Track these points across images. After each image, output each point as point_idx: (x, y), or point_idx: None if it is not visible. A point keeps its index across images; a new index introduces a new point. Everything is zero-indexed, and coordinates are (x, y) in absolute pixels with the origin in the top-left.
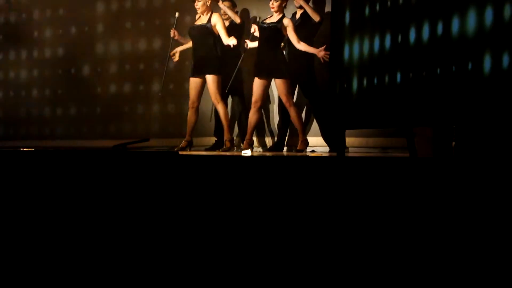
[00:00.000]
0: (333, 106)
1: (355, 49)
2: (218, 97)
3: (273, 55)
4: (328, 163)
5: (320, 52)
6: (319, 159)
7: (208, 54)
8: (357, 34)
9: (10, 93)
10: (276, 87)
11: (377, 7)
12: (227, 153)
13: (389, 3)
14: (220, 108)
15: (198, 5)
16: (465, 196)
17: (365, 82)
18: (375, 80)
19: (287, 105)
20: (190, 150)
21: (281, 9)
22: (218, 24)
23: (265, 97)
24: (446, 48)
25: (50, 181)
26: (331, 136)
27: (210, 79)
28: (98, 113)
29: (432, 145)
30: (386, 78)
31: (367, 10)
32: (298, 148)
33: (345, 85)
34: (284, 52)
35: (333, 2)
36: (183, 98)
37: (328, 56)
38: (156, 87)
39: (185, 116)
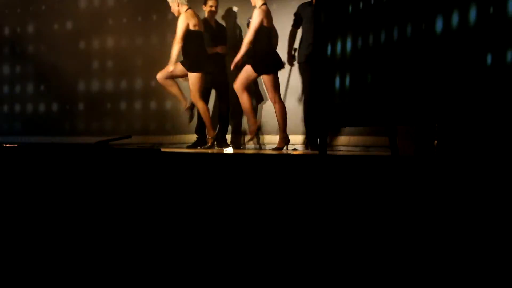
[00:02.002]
0: (315, 104)
1: (338, 48)
2: (198, 95)
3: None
4: (310, 161)
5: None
6: (300, 157)
7: (195, 53)
8: (340, 32)
9: None
10: (264, 82)
11: (360, 5)
12: (209, 151)
13: (372, 1)
14: (200, 106)
15: (173, 6)
16: (447, 195)
17: (347, 80)
18: (358, 79)
19: (274, 100)
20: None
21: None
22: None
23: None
24: (429, 47)
25: (32, 177)
26: (314, 135)
27: (192, 76)
28: (81, 110)
29: (414, 143)
30: (369, 77)
31: (350, 9)
32: (277, 145)
33: (328, 84)
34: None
35: (316, 1)
36: (165, 95)
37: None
38: (138, 84)
39: (167, 113)
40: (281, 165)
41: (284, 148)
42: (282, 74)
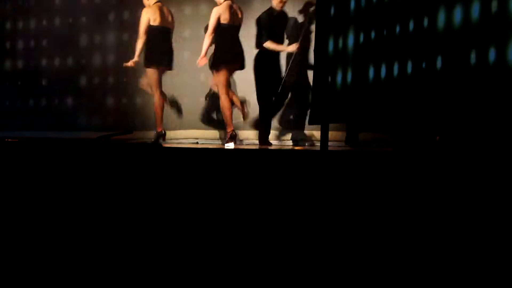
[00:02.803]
0: (317, 99)
1: (339, 43)
2: (154, 89)
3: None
4: (311, 157)
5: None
6: (302, 152)
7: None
8: (342, 27)
9: None
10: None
11: (362, 2)
12: (210, 146)
13: None
14: (155, 99)
15: None
16: (448, 190)
17: (349, 76)
18: (360, 75)
19: (220, 94)
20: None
21: None
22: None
23: None
24: (432, 43)
25: (33, 171)
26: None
27: (147, 71)
28: (82, 105)
29: (416, 139)
30: (371, 73)
31: (352, 3)
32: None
33: (330, 79)
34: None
35: None
36: (167, 90)
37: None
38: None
39: (168, 108)
40: (283, 160)
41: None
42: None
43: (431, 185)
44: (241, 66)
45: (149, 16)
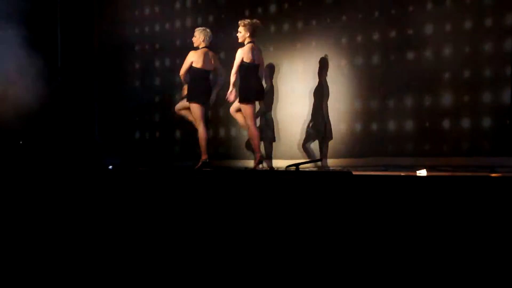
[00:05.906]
0: None
1: None
2: (197, 122)
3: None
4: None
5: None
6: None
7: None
8: None
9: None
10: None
11: None
12: (402, 173)
13: None
14: (199, 130)
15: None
16: None
17: None
18: None
19: (247, 125)
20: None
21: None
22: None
23: None
24: None
25: (220, 200)
26: None
27: (190, 106)
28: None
29: None
30: None
31: None
32: (254, 165)
33: None
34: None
35: None
36: (353, 115)
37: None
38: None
39: (358, 134)
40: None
41: (260, 165)
42: None
43: None
44: (261, 98)
45: (192, 60)
